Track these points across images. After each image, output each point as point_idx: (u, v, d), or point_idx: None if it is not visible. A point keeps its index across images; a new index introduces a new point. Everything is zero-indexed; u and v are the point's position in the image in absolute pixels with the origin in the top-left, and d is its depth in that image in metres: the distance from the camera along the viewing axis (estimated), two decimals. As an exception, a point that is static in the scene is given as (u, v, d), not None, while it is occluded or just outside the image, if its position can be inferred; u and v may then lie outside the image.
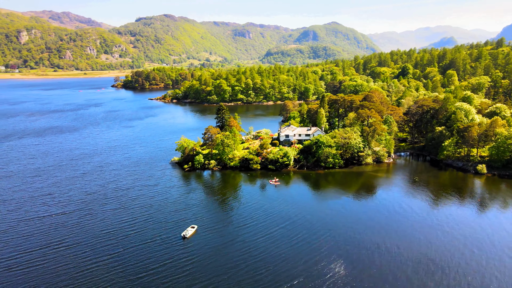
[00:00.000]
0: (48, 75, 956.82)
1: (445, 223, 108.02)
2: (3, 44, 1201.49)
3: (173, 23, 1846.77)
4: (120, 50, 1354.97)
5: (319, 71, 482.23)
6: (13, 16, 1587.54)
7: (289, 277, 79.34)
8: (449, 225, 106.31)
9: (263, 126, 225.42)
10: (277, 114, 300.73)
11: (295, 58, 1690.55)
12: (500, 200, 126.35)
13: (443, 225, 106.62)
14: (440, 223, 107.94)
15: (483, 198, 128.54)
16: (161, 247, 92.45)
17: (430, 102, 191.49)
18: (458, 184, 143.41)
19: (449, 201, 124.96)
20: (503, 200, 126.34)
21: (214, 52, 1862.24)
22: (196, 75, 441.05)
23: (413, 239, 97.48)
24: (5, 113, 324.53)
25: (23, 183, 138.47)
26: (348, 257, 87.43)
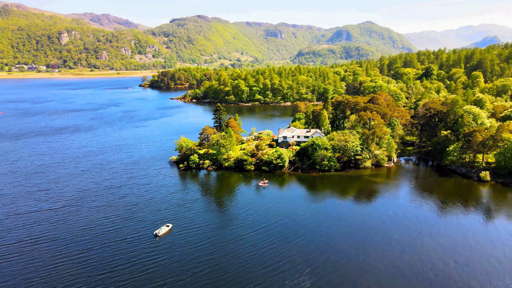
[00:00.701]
0: (84, 75, 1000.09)
1: (428, 231, 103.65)
2: (46, 45, 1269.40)
3: (206, 24, 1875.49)
4: (154, 50, 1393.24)
5: (341, 72, 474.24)
6: (56, 19, 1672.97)
7: (242, 282, 78.79)
8: (431, 234, 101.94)
9: (275, 127, 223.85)
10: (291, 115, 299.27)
11: (327, 58, 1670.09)
12: (495, 210, 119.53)
13: (425, 234, 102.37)
14: (422, 231, 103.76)
15: (478, 206, 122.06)
16: (130, 245, 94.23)
17: (438, 105, 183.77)
18: (456, 191, 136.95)
19: (439, 209, 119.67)
20: (497, 209, 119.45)
21: (245, 52, 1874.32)
22: (234, 75, 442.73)
23: (387, 250, 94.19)
24: (28, 111, 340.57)
25: (25, 178, 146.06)
26: (313, 265, 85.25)
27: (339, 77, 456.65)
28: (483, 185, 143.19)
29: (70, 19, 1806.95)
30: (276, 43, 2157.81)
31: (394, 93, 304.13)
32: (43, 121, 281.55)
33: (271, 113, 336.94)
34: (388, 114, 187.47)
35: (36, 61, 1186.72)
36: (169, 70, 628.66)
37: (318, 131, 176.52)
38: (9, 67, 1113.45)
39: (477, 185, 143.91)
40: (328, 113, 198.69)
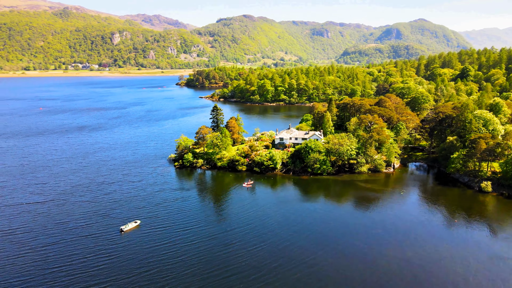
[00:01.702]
0: (130, 73, 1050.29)
1: (394, 241, 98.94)
2: (99, 45, 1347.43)
3: (251, 23, 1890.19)
4: (198, 49, 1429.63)
5: (375, 72, 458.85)
6: (110, 20, 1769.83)
7: (180, 285, 79.53)
8: (396, 244, 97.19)
9: (292, 127, 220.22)
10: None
11: (373, 57, 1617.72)
12: (482, 224, 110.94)
13: (390, 244, 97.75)
14: (388, 241, 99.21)
15: (466, 219, 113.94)
16: (94, 241, 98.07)
17: (449, 109, 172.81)
18: (450, 201, 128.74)
19: (418, 219, 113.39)
20: (485, 223, 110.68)
21: (290, 52, 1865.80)
22: (261, 74, 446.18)
23: (345, 261, 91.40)
24: (61, 109, 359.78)
25: (30, 171, 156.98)
26: (261, 272, 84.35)
27: (371, 77, 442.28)
28: (483, 196, 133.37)
29: (123, 20, 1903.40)
30: (322, 42, 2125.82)
31: (421, 95, 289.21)
32: (70, 118, 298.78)
33: (293, 114, 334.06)
34: (394, 117, 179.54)
35: (90, 60, 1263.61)
36: (205, 70, 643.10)
37: (316, 133, 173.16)
38: (66, 66, 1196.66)
39: (477, 196, 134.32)
40: (333, 115, 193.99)
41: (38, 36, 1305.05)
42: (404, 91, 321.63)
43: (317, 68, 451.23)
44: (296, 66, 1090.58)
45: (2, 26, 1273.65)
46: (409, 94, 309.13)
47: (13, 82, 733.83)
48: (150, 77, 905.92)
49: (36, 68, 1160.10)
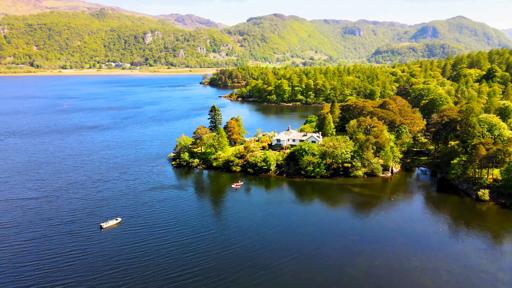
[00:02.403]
0: (159, 72, 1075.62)
1: (371, 249, 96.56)
2: (132, 44, 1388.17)
3: (282, 22, 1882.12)
4: (227, 48, 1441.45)
5: (398, 72, 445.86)
6: (144, 20, 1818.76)
7: (138, 285, 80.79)
8: (363, 251, 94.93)
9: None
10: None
11: (406, 57, 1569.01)
12: (470, 235, 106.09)
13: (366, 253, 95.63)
14: (354, 248, 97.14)
15: (454, 228, 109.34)
16: (72, 237, 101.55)
17: (454, 112, 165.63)
18: (440, 210, 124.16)
19: (399, 227, 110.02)
20: (473, 233, 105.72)
21: (320, 51, 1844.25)
22: (279, 74, 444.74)
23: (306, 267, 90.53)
24: (76, 108, 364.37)
25: (34, 168, 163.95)
26: (222, 275, 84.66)
27: (394, 78, 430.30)
28: (480, 205, 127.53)
29: (156, 20, 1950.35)
30: (354, 41, 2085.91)
31: (439, 97, 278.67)
32: (86, 117, 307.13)
33: (308, 114, 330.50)
34: (397, 120, 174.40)
35: (123, 59, 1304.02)
36: (228, 69, 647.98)
37: (314, 135, 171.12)
38: (100, 65, 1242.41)
39: (473, 204, 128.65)
40: (335, 117, 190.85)
41: (76, 36, 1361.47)
42: (423, 93, 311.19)
43: (336, 68, 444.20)
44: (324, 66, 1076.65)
45: (43, 26, 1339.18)
46: (428, 95, 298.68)
47: (45, 80, 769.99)
48: (177, 75, 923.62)
49: (72, 66, 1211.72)
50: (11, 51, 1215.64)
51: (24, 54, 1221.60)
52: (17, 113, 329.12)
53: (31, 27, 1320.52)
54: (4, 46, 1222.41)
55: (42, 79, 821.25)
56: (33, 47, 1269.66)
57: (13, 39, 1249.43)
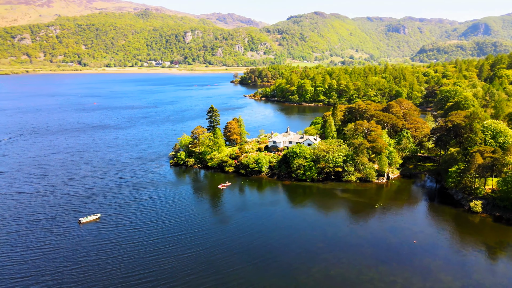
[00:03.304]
0: (195, 71, 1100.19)
1: (333, 258, 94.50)
2: (173, 43, 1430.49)
3: (322, 20, 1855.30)
4: (265, 47, 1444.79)
5: (431, 72, 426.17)
6: (186, 19, 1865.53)
7: (87, 284, 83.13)
8: (334, 261, 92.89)
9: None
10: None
11: (453, 55, 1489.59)
12: (445, 249, 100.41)
13: (326, 262, 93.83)
14: (327, 259, 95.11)
15: (431, 239, 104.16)
16: (46, 233, 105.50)
17: (460, 117, 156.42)
18: (426, 220, 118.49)
19: (372, 237, 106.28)
20: (449, 248, 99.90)
21: (361, 49, 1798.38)
22: (310, 74, 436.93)
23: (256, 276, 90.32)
24: (98, 106, 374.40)
25: (42, 163, 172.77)
26: (174, 278, 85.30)
27: (425, 78, 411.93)
28: (472, 217, 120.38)
29: (198, 19, 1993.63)
30: (398, 39, 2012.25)
31: (464, 99, 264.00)
32: (105, 116, 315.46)
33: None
34: (399, 124, 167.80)
35: (163, 58, 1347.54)
36: (258, 68, 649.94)
37: (310, 138, 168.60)
38: (141, 63, 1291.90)
39: (463, 216, 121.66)
40: (337, 120, 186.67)
41: (121, 35, 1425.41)
42: (449, 95, 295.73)
43: (362, 69, 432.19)
44: (364, 65, 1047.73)
45: (91, 27, 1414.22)
46: (454, 97, 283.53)
47: (84, 78, 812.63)
48: (212, 74, 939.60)
49: (116, 65, 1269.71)
50: (62, 50, 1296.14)
51: (74, 53, 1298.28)
52: (45, 110, 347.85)
53: (80, 28, 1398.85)
54: (56, 45, 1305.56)
55: (82, 76, 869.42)
56: (81, 46, 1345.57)
57: (64, 38, 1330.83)
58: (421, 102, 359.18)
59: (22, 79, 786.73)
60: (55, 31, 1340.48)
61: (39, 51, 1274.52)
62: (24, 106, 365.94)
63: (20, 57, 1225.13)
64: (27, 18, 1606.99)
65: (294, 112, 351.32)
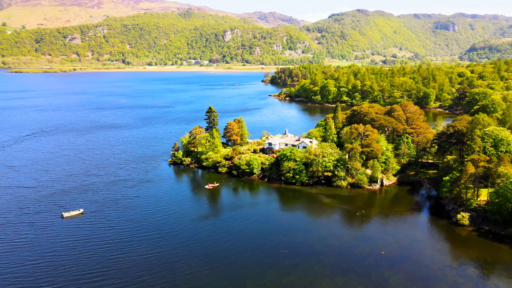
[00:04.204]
0: (232, 69, 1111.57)
1: (292, 266, 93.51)
2: (212, 42, 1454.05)
3: (365, 18, 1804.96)
4: (304, 46, 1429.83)
5: (466, 73, 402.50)
6: (227, 18, 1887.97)
7: (42, 279, 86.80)
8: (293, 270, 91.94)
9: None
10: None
11: (507, 54, 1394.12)
12: (409, 263, 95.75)
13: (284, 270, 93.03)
14: (285, 267, 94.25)
15: (397, 252, 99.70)
16: (28, 226, 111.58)
17: (463, 123, 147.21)
18: (406, 231, 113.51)
19: (344, 246, 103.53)
20: (414, 262, 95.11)
21: (405, 48, 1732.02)
22: (335, 74, 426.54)
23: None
24: (118, 105, 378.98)
25: (50, 159, 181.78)
26: (124, 279, 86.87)
27: (460, 79, 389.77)
28: (458, 230, 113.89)
29: (238, 18, 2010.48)
30: (446, 36, 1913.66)
31: (491, 102, 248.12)
32: (124, 115, 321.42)
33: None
34: (399, 129, 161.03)
35: (203, 56, 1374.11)
36: (288, 67, 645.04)
37: (306, 140, 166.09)
38: (181, 62, 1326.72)
39: (449, 229, 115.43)
40: (338, 123, 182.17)
41: (163, 35, 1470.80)
42: (478, 97, 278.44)
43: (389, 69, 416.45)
44: (406, 63, 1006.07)
45: (136, 26, 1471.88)
46: (483, 99, 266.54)
47: (120, 75, 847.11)
48: (247, 73, 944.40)
49: (157, 63, 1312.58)
50: (108, 49, 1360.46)
51: (118, 52, 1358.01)
52: (74, 107, 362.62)
53: (126, 27, 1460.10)
54: (103, 44, 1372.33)
55: (121, 74, 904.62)
56: (126, 45, 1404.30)
57: (110, 38, 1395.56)
58: (450, 105, 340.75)
59: (65, 76, 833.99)
60: (103, 31, 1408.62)
61: (88, 50, 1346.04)
62: (56, 104, 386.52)
63: (70, 56, 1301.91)
64: (78, 19, 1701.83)
65: (315, 112, 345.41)
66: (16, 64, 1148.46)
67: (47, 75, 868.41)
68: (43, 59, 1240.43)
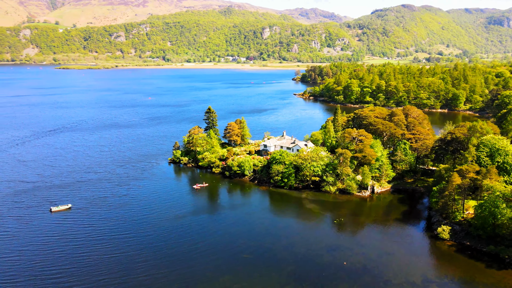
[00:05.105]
0: (267, 67, 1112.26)
1: (238, 272, 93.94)
2: (250, 39, 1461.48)
3: (410, 14, 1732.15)
4: (343, 43, 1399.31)
5: (506, 73, 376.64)
6: (266, 15, 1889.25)
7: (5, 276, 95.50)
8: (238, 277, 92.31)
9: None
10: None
11: None
12: (366, 277, 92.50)
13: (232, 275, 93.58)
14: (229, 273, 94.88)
15: (361, 264, 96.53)
16: (14, 220, 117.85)
17: (463, 130, 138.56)
18: (381, 243, 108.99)
19: (310, 255, 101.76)
20: (371, 278, 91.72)
21: (452, 45, 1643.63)
22: (375, 71, 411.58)
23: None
24: (137, 103, 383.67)
25: (60, 154, 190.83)
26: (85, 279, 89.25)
27: (498, 80, 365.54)
28: (436, 244, 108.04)
29: (278, 15, 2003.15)
30: (500, 32, 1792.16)
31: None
32: (141, 112, 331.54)
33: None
34: (397, 134, 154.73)
35: (240, 54, 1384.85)
36: (319, 65, 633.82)
37: (300, 143, 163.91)
38: (219, 59, 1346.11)
39: (426, 242, 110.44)
40: (338, 126, 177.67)
41: (203, 32, 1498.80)
42: (508, 100, 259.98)
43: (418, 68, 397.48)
44: (452, 62, 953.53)
45: (177, 24, 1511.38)
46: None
47: (157, 72, 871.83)
48: (281, 70, 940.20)
49: (195, 60, 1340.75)
50: (150, 47, 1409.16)
51: (160, 49, 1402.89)
52: (99, 105, 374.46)
53: (167, 25, 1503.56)
54: (145, 42, 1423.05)
55: (158, 71, 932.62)
56: (167, 42, 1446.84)
57: (152, 36, 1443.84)
58: (482, 108, 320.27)
59: (105, 73, 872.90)
60: (145, 29, 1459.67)
61: (131, 47, 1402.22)
62: (85, 100, 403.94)
63: (115, 53, 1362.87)
64: (124, 17, 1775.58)
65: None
66: (65, 60, 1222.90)
67: (90, 71, 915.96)
68: (90, 56, 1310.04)
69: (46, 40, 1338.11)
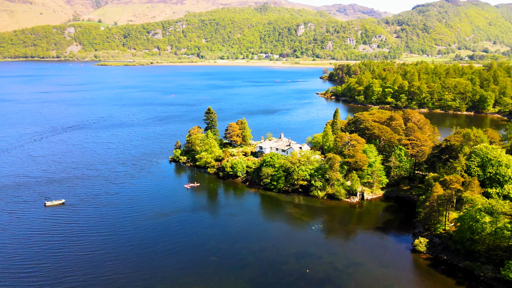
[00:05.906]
0: (299, 64, 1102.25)
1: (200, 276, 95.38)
2: (285, 36, 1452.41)
3: (454, 9, 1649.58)
4: (379, 40, 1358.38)
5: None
6: (302, 12, 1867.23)
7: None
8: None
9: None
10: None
11: None
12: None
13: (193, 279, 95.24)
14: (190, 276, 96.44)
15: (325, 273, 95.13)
16: (7, 214, 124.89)
17: (459, 137, 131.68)
18: (352, 252, 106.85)
19: (273, 262, 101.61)
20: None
21: (500, 41, 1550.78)
22: (406, 70, 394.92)
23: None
24: (152, 101, 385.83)
25: (69, 151, 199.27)
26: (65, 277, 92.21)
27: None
28: (411, 257, 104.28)
29: (315, 11, 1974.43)
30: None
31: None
32: (154, 111, 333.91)
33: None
34: (394, 139, 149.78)
35: (274, 51, 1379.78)
36: (347, 63, 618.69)
37: (295, 146, 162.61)
38: (252, 56, 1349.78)
39: (401, 254, 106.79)
40: (336, 129, 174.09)
41: (237, 29, 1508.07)
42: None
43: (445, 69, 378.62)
44: (497, 59, 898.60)
45: (212, 21, 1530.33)
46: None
47: (188, 69, 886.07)
48: (312, 68, 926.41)
49: (228, 57, 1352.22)
50: (185, 44, 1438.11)
51: (195, 46, 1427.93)
52: (123, 102, 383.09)
53: (203, 22, 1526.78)
54: (181, 39, 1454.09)
55: (190, 68, 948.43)
56: (202, 40, 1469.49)
57: (188, 33, 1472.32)
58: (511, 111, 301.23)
59: (139, 69, 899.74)
60: (182, 26, 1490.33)
61: (167, 45, 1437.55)
62: (110, 97, 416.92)
63: (152, 50, 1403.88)
64: (163, 15, 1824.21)
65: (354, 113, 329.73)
66: (105, 57, 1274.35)
67: (125, 68, 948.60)
68: (128, 52, 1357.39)
69: (89, 38, 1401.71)
